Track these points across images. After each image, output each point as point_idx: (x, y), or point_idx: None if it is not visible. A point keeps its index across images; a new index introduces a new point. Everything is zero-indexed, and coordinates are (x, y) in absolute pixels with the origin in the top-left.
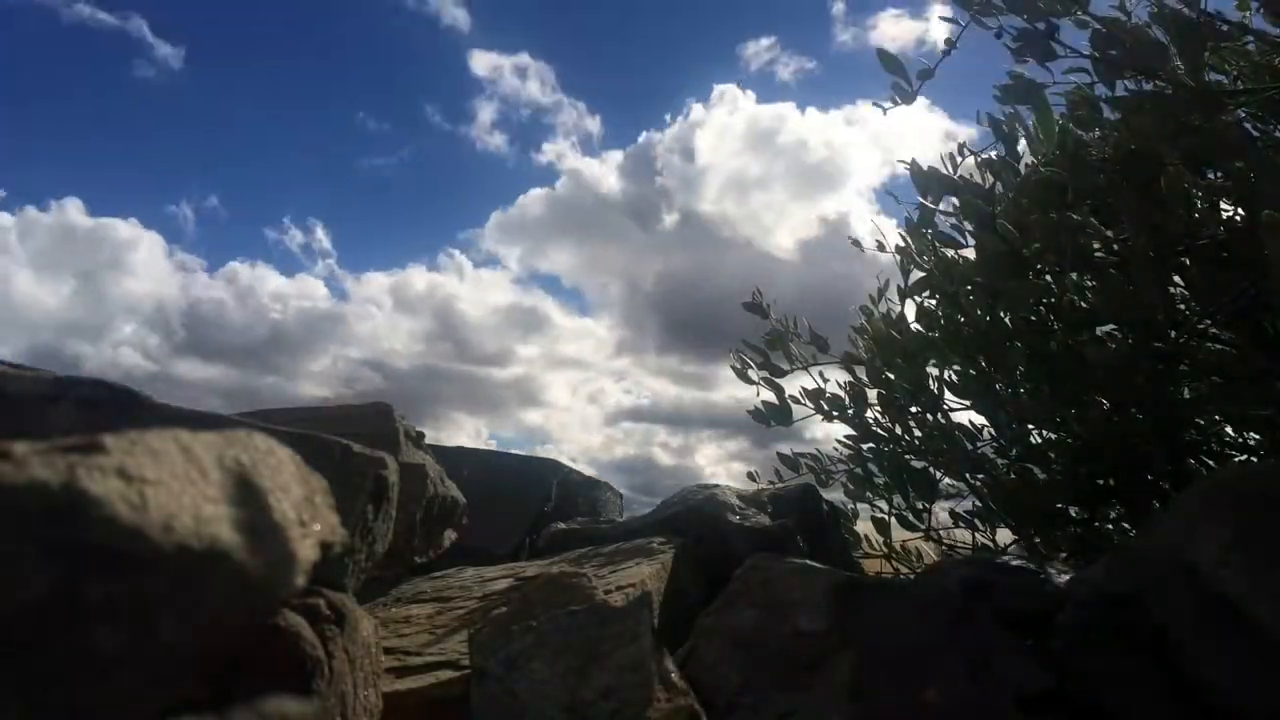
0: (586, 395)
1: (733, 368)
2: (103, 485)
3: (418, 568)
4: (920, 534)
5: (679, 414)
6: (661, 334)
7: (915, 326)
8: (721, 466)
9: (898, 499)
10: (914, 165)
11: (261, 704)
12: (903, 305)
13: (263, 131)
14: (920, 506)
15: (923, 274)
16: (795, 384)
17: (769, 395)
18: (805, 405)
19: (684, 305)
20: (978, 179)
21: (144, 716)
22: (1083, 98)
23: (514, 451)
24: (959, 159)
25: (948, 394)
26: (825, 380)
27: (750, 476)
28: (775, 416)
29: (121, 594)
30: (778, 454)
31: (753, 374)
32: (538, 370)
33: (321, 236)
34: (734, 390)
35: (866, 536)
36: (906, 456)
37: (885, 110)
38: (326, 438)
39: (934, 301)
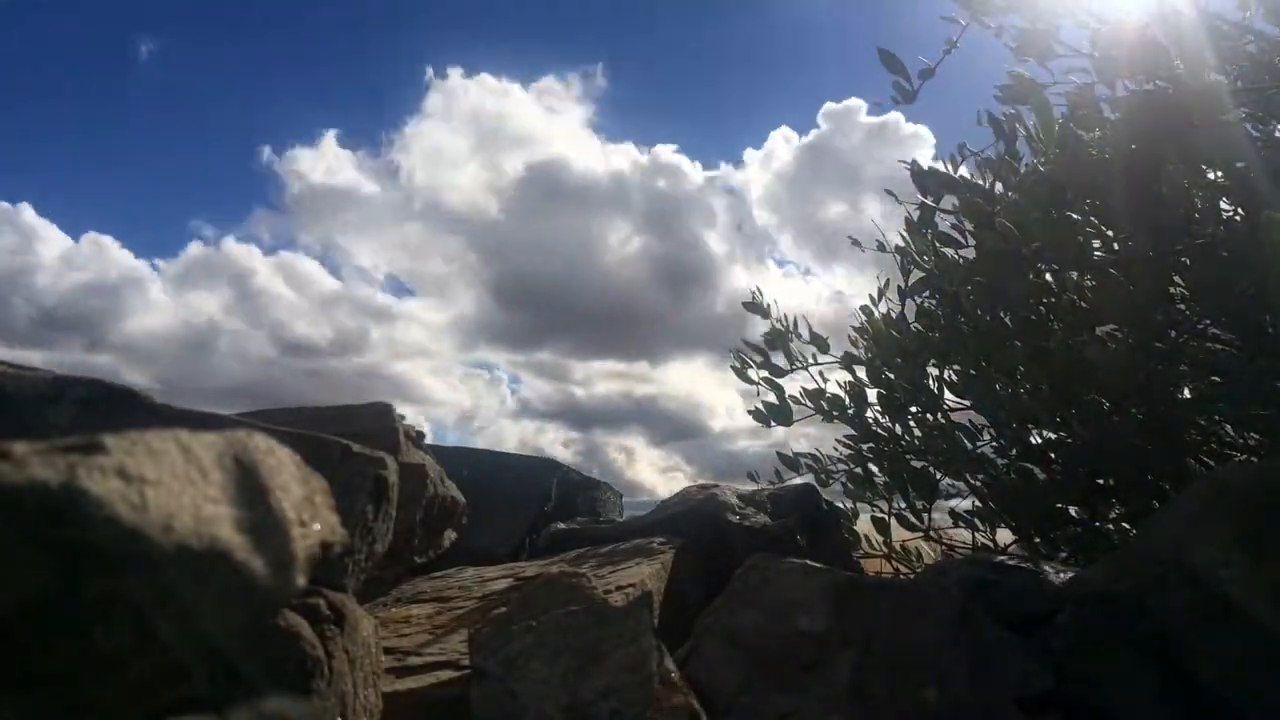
0: (465, 390)
1: (732, 368)
2: (103, 485)
3: (418, 568)
4: (920, 534)
5: (566, 410)
6: (500, 321)
7: (915, 326)
8: (650, 465)
9: (898, 499)
10: (914, 165)
11: (261, 704)
12: (903, 305)
13: None
14: (920, 506)
15: (923, 274)
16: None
17: (769, 395)
18: (805, 405)
19: (510, 289)
20: (978, 179)
21: (144, 716)
22: (1083, 97)
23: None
24: (959, 159)
25: (947, 394)
26: (825, 380)
27: (750, 476)
28: (775, 416)
29: (121, 594)
30: (778, 454)
31: (752, 374)
32: (384, 359)
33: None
34: (607, 384)
35: (866, 536)
36: (907, 456)
37: (884, 109)
38: (326, 438)
39: (934, 301)
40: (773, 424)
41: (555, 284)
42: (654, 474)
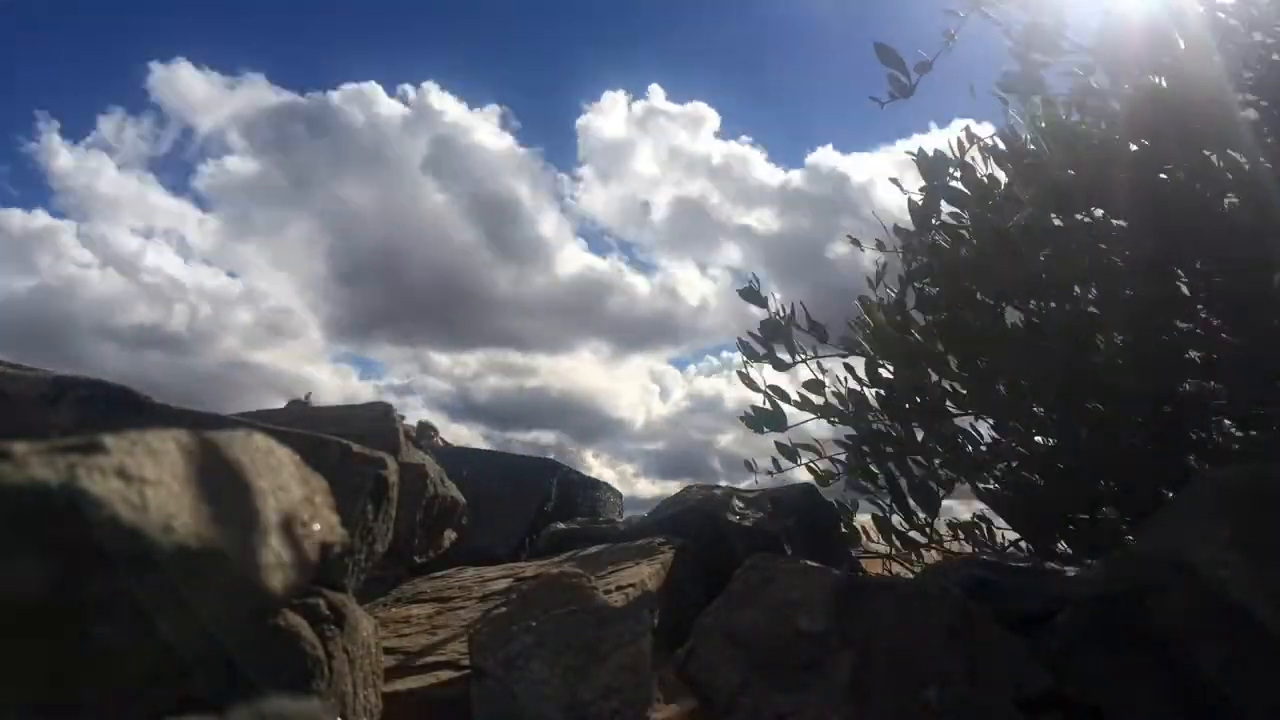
0: (356, 384)
1: (738, 372)
2: (103, 485)
3: (418, 568)
4: (923, 545)
5: (465, 407)
6: (346, 307)
7: (915, 314)
8: (598, 462)
9: (899, 518)
10: (920, 153)
11: (261, 704)
12: (903, 294)
13: None
14: (922, 520)
15: (924, 261)
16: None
17: (758, 399)
18: (803, 408)
19: (345, 272)
20: (980, 166)
21: (144, 716)
22: (1086, 92)
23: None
24: (966, 145)
25: (949, 403)
26: (824, 372)
27: (748, 465)
28: (768, 422)
29: (121, 593)
30: (775, 443)
31: (754, 374)
32: (239, 347)
33: None
34: (496, 380)
35: (866, 535)
36: (907, 458)
37: (882, 105)
38: (326, 438)
39: (935, 290)
40: (765, 430)
41: (389, 263)
42: (605, 471)
